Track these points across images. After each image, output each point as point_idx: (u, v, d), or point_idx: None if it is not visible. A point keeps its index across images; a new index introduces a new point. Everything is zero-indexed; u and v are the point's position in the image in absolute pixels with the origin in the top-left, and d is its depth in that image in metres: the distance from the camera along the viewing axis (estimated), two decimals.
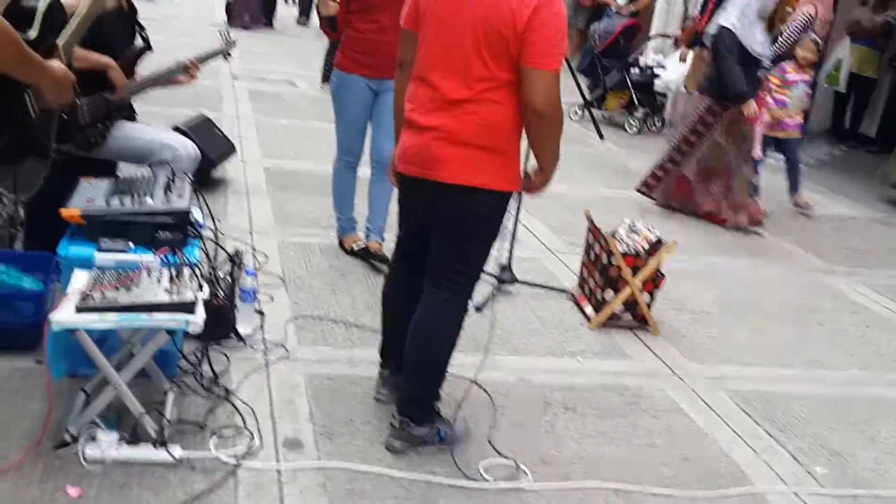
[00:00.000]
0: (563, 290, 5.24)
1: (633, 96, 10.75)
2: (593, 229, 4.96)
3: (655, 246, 4.80)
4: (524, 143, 3.29)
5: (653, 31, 12.44)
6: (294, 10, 18.07)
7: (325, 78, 10.37)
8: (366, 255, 5.29)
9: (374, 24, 5.02)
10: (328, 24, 5.10)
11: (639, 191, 7.47)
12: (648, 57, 11.37)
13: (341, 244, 5.44)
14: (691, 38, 10.46)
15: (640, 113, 10.79)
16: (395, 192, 3.62)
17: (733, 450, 3.80)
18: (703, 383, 4.38)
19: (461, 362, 3.74)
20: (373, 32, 5.03)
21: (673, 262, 5.07)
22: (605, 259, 4.77)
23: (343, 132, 5.30)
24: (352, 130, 5.27)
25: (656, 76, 10.90)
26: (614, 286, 4.75)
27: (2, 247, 4.28)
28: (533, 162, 3.42)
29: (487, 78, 3.14)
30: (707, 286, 5.73)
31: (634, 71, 10.77)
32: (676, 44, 11.38)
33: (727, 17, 6.81)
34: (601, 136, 5.00)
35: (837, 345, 5.11)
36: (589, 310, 4.92)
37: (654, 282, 4.80)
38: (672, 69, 11.04)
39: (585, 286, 5.06)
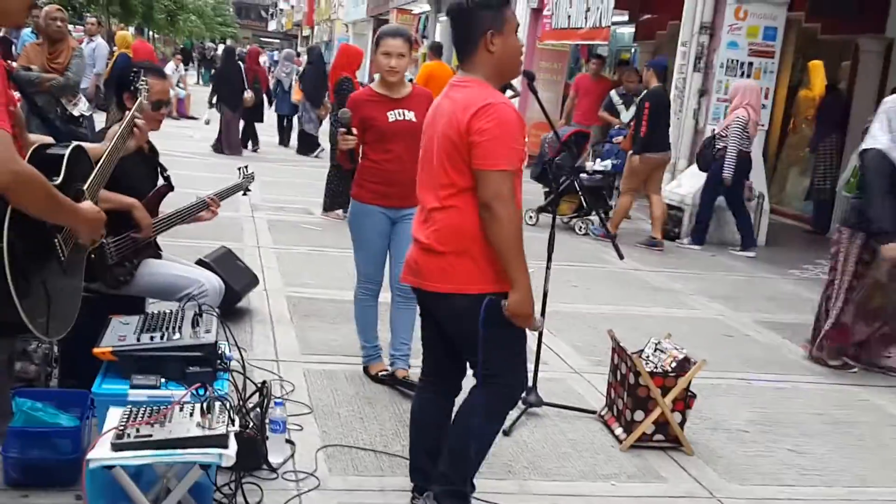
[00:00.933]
0: (591, 412, 5.21)
1: (583, 200, 11.11)
2: (618, 349, 4.97)
3: (683, 364, 4.78)
4: None
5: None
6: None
7: (327, 207, 10.60)
8: (393, 383, 5.30)
9: (389, 153, 5.14)
10: (348, 157, 5.21)
11: (815, 359, 6.63)
12: (596, 162, 11.74)
13: (367, 371, 5.46)
14: (631, 143, 10.89)
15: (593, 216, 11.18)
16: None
17: None
18: None
19: (494, 487, 3.72)
20: (388, 163, 5.15)
21: (704, 380, 5.04)
22: (632, 379, 4.75)
23: (363, 262, 5.37)
24: (372, 260, 5.34)
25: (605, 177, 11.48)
26: (643, 406, 4.72)
27: (38, 385, 4.34)
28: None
29: (448, 185, 3.41)
30: (741, 403, 5.68)
31: (583, 175, 11.16)
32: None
33: (874, 137, 5.95)
34: (621, 257, 5.05)
35: (881, 461, 5.00)
36: (619, 431, 4.88)
37: (685, 401, 4.76)
38: (688, 182, 11.23)
39: (614, 407, 5.03)
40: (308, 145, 17.19)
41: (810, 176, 13.03)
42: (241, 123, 16.46)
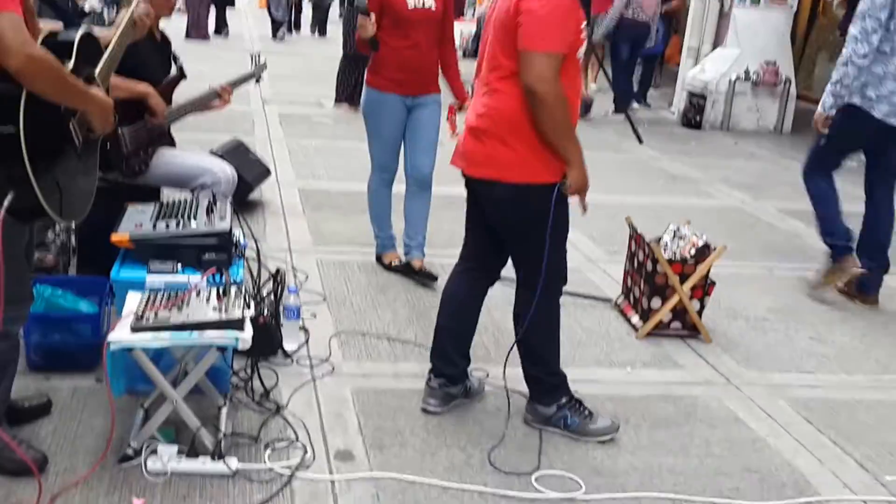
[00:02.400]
0: (606, 300, 5.22)
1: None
2: (636, 236, 4.93)
3: (703, 251, 4.72)
4: None
5: (688, 35, 12.42)
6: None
7: (339, 98, 10.51)
8: (409, 272, 5.33)
9: (407, 40, 5.06)
10: (370, 45, 5.07)
11: None
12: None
13: (380, 260, 5.49)
14: None
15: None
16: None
17: (797, 459, 3.72)
18: (762, 392, 4.30)
19: (507, 375, 3.76)
20: (406, 49, 5.07)
21: (724, 268, 5.01)
22: (649, 266, 4.73)
23: (378, 150, 5.34)
24: (387, 148, 5.31)
25: None
26: (661, 294, 4.70)
27: (57, 273, 4.38)
28: None
29: (497, 67, 3.38)
30: (763, 292, 5.64)
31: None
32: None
33: None
34: (640, 141, 4.97)
35: None
36: (635, 319, 4.89)
37: (704, 288, 4.73)
38: (712, 68, 11.09)
39: (630, 295, 5.03)
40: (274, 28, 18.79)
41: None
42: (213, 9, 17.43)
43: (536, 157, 3.36)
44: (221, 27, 18.26)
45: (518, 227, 3.51)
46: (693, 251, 4.74)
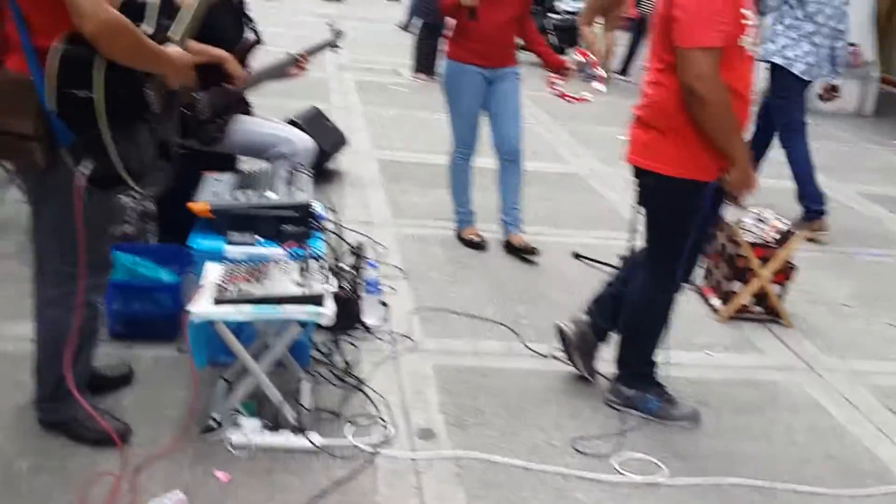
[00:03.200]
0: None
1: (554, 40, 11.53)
2: (717, 218, 4.81)
3: (786, 236, 4.64)
4: None
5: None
6: None
7: (418, 68, 10.42)
8: (512, 251, 5.26)
9: (499, 14, 4.98)
10: (469, 14, 4.95)
11: None
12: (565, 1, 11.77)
13: (459, 236, 5.41)
14: None
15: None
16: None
17: (878, 448, 3.64)
18: (843, 378, 4.21)
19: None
20: (493, 22, 4.99)
21: (805, 252, 4.89)
22: (731, 249, 4.63)
23: (459, 124, 5.26)
24: (468, 122, 5.23)
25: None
26: (742, 278, 4.61)
27: (137, 241, 4.38)
28: None
29: (657, 59, 3.29)
30: (843, 277, 5.52)
31: (553, 16, 11.55)
32: None
33: None
34: None
35: None
36: (716, 302, 4.78)
37: (786, 273, 4.63)
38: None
39: (711, 277, 4.92)
40: None
41: None
42: None
43: (692, 154, 3.26)
44: None
45: (661, 217, 3.46)
46: (776, 235, 4.65)
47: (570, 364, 3.86)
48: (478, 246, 5.29)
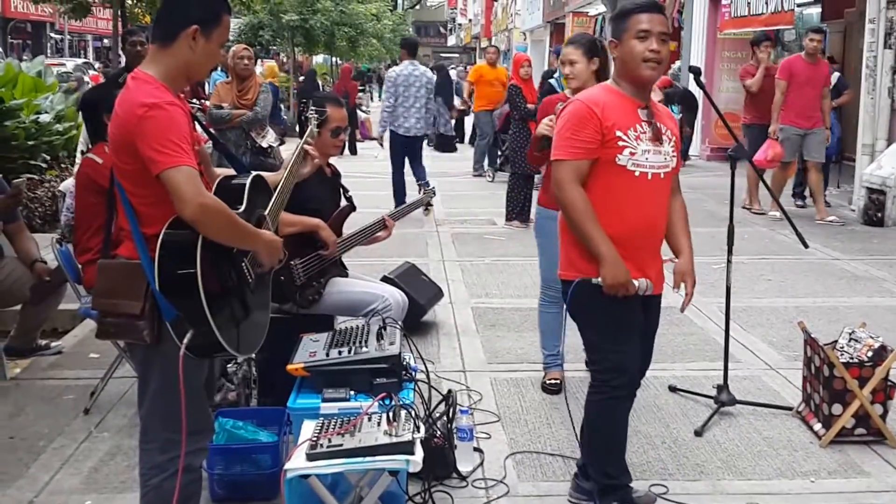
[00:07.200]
0: (787, 408, 5.02)
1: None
2: (810, 341, 4.77)
3: (880, 353, 4.55)
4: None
5: (861, 132, 12.04)
6: None
7: (511, 216, 10.67)
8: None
9: None
10: (538, 144, 4.93)
11: None
12: None
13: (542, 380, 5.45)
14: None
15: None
16: None
17: None
18: None
19: (686, 489, 3.66)
20: None
21: None
22: (826, 371, 4.56)
23: (546, 267, 5.36)
24: (553, 264, 5.33)
25: None
26: (841, 399, 4.52)
27: (238, 405, 4.60)
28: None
29: None
30: None
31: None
32: None
33: None
34: (805, 245, 4.87)
35: None
36: (818, 426, 4.67)
37: (885, 391, 4.53)
38: (889, 163, 10.65)
39: (811, 402, 4.82)
40: (447, 144, 19.79)
41: None
42: None
43: (579, 255, 3.65)
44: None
45: (576, 319, 3.75)
46: (870, 353, 4.57)
47: None
48: (552, 391, 5.29)
